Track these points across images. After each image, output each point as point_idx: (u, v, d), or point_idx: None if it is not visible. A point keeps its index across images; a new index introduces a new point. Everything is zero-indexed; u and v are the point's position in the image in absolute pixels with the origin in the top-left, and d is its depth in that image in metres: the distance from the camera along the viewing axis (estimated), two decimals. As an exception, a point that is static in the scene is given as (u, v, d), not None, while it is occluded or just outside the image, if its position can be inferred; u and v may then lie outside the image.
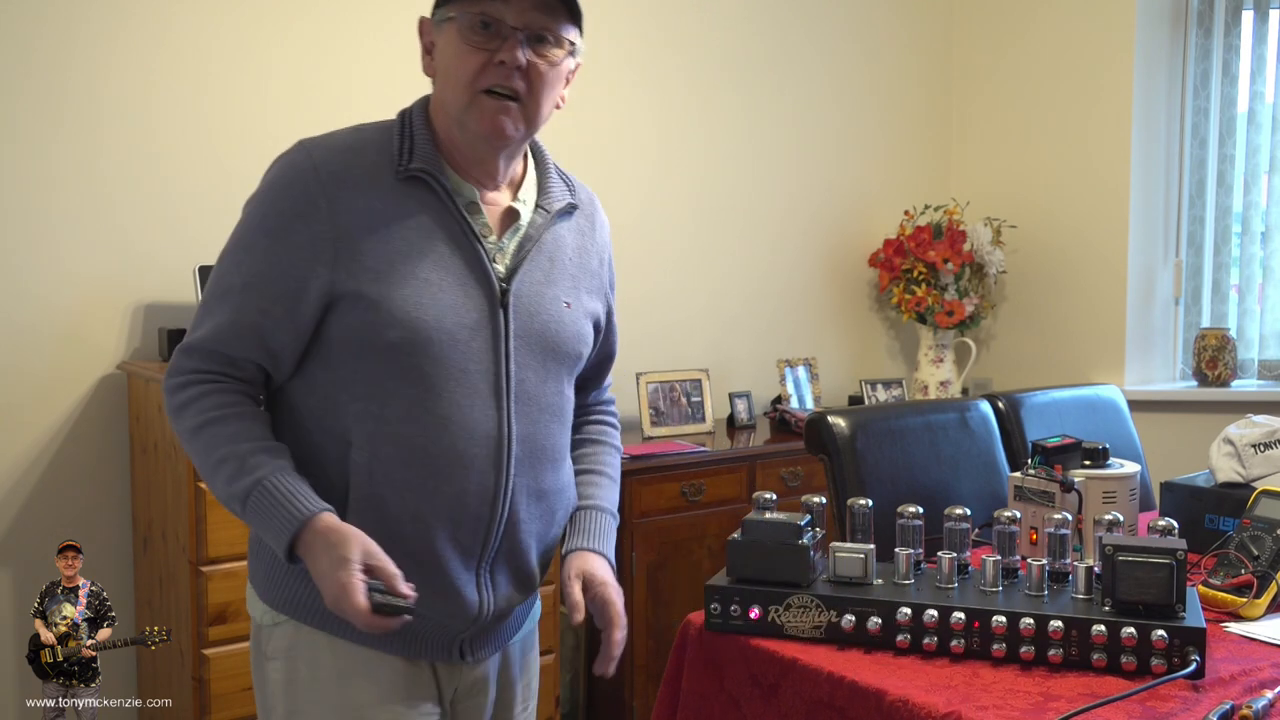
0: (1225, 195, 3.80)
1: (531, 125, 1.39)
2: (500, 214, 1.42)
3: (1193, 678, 1.36)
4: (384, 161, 1.35)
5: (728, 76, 3.69)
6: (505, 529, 1.40)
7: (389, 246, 1.32)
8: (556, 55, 1.36)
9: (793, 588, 1.52)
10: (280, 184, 1.34)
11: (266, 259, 1.32)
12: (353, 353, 1.32)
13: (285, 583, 1.35)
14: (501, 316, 1.38)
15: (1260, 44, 3.73)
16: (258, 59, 2.86)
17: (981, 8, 4.17)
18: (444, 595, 1.37)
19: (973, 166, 4.22)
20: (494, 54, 1.32)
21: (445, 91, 1.37)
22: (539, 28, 1.33)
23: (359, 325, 1.31)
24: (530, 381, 1.41)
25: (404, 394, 1.32)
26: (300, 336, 1.34)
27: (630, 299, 3.50)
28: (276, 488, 1.28)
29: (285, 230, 1.32)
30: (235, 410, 1.33)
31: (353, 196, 1.32)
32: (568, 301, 1.46)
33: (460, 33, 1.32)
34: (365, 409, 1.32)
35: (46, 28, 2.61)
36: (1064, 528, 1.56)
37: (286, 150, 1.37)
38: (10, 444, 2.63)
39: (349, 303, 1.31)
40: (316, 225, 1.31)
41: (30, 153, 2.61)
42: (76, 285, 2.67)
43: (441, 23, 1.35)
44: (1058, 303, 3.97)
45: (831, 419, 2.11)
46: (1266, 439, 1.98)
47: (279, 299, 1.32)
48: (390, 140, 1.37)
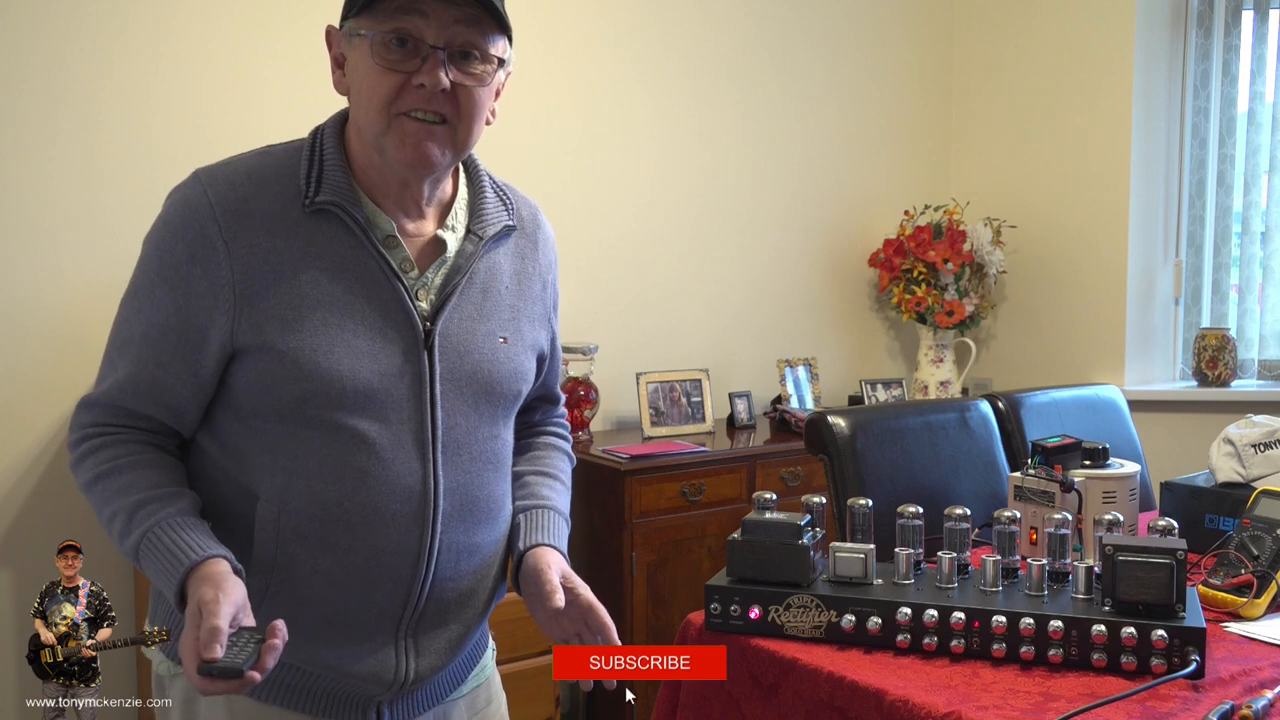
0: (1225, 195, 3.80)
1: (461, 149, 1.26)
2: (424, 245, 1.30)
3: (1193, 678, 1.36)
4: (290, 192, 1.23)
5: (728, 76, 3.69)
6: (430, 589, 1.28)
7: (295, 291, 1.20)
8: (485, 72, 1.23)
9: (793, 588, 1.52)
10: (174, 225, 1.23)
11: (163, 309, 1.22)
12: (261, 405, 1.22)
13: (179, 629, 1.20)
14: (426, 359, 1.26)
15: (1260, 44, 3.73)
16: (256, 61, 2.86)
17: (981, 8, 4.17)
18: (356, 659, 1.26)
19: (973, 166, 4.22)
20: (412, 75, 1.19)
21: (359, 113, 1.24)
22: (462, 43, 1.21)
23: (265, 378, 1.20)
24: (461, 428, 1.29)
25: (318, 447, 1.22)
26: (203, 390, 1.24)
27: (630, 299, 3.51)
28: (163, 536, 1.17)
29: (181, 278, 1.21)
30: (129, 460, 1.24)
31: (254, 236, 1.20)
32: (504, 336, 1.34)
33: (373, 51, 1.19)
34: (275, 462, 1.22)
35: (46, 29, 2.61)
36: (1064, 528, 1.56)
37: (182, 182, 1.26)
38: (10, 444, 2.63)
39: (253, 355, 1.20)
40: (214, 271, 1.20)
41: (30, 154, 2.61)
42: (76, 285, 2.67)
43: (351, 37, 1.22)
44: (1058, 303, 3.97)
45: (831, 419, 2.11)
46: (1266, 439, 1.98)
47: (177, 351, 1.22)
48: (298, 166, 1.25)
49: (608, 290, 3.46)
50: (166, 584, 1.17)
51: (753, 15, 3.74)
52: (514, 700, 2.89)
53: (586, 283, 3.40)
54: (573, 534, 3.40)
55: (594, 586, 1.50)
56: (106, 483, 1.24)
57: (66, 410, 2.68)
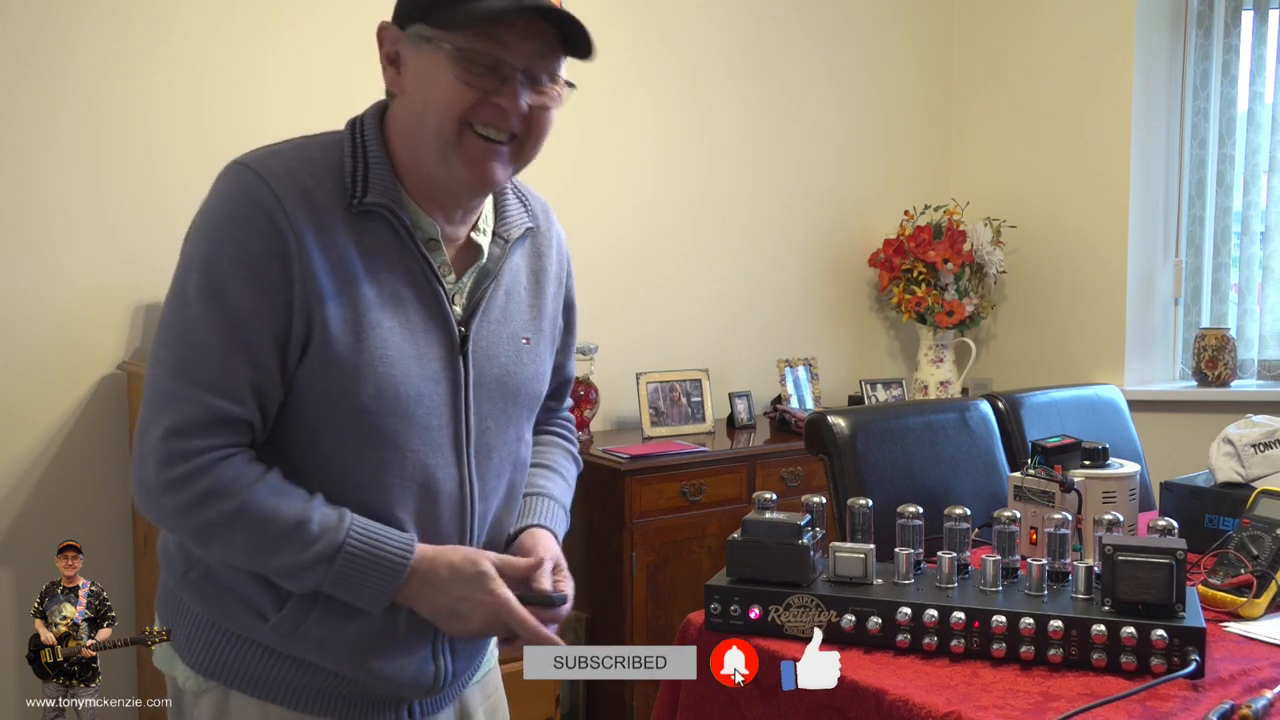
0: (1225, 195, 3.80)
1: (521, 167, 1.26)
2: (459, 248, 1.29)
3: (1192, 677, 1.36)
4: (335, 189, 1.19)
5: (728, 76, 3.69)
6: None
7: (355, 294, 1.18)
8: (556, 93, 1.24)
9: (793, 588, 1.52)
10: (242, 217, 1.15)
11: (245, 305, 1.14)
12: (319, 414, 1.19)
13: (214, 646, 1.23)
14: (460, 365, 1.26)
15: (1260, 44, 3.73)
16: (255, 61, 2.86)
17: (981, 8, 4.17)
18: (400, 667, 1.27)
19: (973, 166, 4.22)
20: (490, 94, 1.18)
21: (419, 117, 1.21)
22: (540, 67, 1.21)
23: (329, 385, 1.18)
24: (491, 432, 1.30)
25: (369, 457, 1.21)
26: (280, 393, 1.19)
27: (630, 299, 3.51)
28: (363, 538, 1.16)
29: (261, 273, 1.14)
30: (264, 472, 1.17)
31: (317, 233, 1.17)
32: (526, 338, 1.35)
33: (452, 63, 1.17)
34: (325, 472, 1.20)
35: (46, 29, 2.61)
36: (1064, 528, 1.56)
37: (230, 173, 1.18)
38: (10, 444, 2.63)
39: (319, 360, 1.17)
40: (289, 266, 1.15)
41: (30, 154, 2.61)
42: (76, 286, 2.67)
43: (421, 42, 1.18)
44: (1058, 303, 3.97)
45: (831, 419, 2.11)
46: (1266, 439, 1.98)
47: (269, 351, 1.16)
48: (339, 163, 1.21)
49: (608, 290, 3.46)
50: (381, 584, 1.17)
51: (753, 15, 3.74)
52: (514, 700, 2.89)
53: (586, 283, 3.38)
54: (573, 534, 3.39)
55: (594, 586, 1.51)
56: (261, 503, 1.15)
57: (67, 410, 2.68)
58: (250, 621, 1.22)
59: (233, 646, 1.24)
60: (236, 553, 1.17)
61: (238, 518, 1.14)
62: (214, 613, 1.23)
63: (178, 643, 1.28)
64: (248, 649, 1.23)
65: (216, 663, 1.24)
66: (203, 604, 1.24)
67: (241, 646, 1.23)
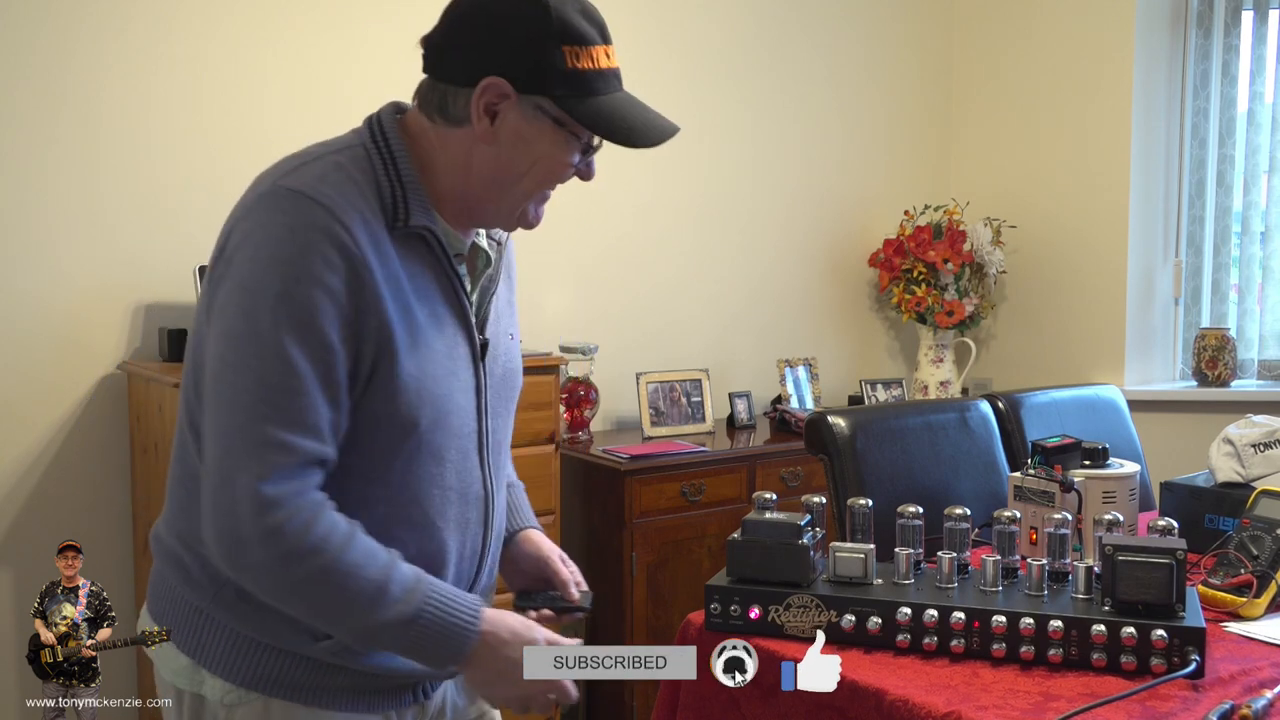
0: (1225, 195, 3.80)
1: None
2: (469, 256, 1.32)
3: (1192, 677, 1.36)
4: (379, 210, 1.19)
5: (728, 76, 3.69)
6: (483, 580, 1.36)
7: (410, 317, 1.19)
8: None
9: (793, 588, 1.52)
10: (316, 250, 1.13)
11: (329, 342, 1.13)
12: (380, 435, 1.20)
13: (255, 658, 1.23)
14: (481, 371, 1.30)
15: (1260, 44, 3.73)
16: (254, 61, 2.86)
17: (981, 7, 4.17)
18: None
19: (973, 166, 4.22)
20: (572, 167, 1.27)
21: (510, 175, 1.23)
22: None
23: (393, 406, 1.19)
24: (500, 429, 1.36)
25: (420, 472, 1.23)
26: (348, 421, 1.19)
27: (630, 299, 3.51)
28: (438, 601, 1.18)
29: (340, 305, 1.13)
30: (353, 528, 1.17)
31: (378, 259, 1.17)
32: (512, 333, 1.40)
33: (567, 147, 1.23)
34: (374, 493, 1.22)
35: (46, 29, 2.61)
36: (1064, 528, 1.57)
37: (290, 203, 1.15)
38: (10, 444, 2.63)
39: (384, 383, 1.18)
40: (363, 295, 1.15)
41: (30, 154, 2.61)
42: (76, 286, 2.67)
43: (538, 112, 1.21)
44: (1058, 303, 3.97)
45: (831, 419, 2.11)
46: (1266, 439, 1.98)
47: (344, 384, 1.16)
48: (375, 181, 1.20)
49: (608, 290, 3.46)
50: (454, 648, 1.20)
51: (753, 15, 3.74)
52: (514, 700, 2.89)
53: (586, 283, 3.40)
54: (572, 534, 3.41)
55: (594, 586, 1.52)
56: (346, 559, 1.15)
57: (67, 410, 2.68)
58: (297, 639, 1.23)
59: (274, 659, 1.24)
60: (312, 609, 1.17)
61: (325, 578, 1.14)
62: (254, 630, 1.23)
63: (207, 656, 1.25)
64: (291, 661, 1.24)
65: (258, 675, 1.24)
66: (241, 623, 1.23)
67: (284, 659, 1.24)
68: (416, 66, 1.29)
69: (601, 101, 1.23)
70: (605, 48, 1.24)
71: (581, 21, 1.21)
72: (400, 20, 3.02)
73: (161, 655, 1.30)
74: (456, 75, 1.22)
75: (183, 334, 2.66)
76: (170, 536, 1.28)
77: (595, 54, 1.22)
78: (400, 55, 3.12)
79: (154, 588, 1.32)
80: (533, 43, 1.19)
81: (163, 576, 1.30)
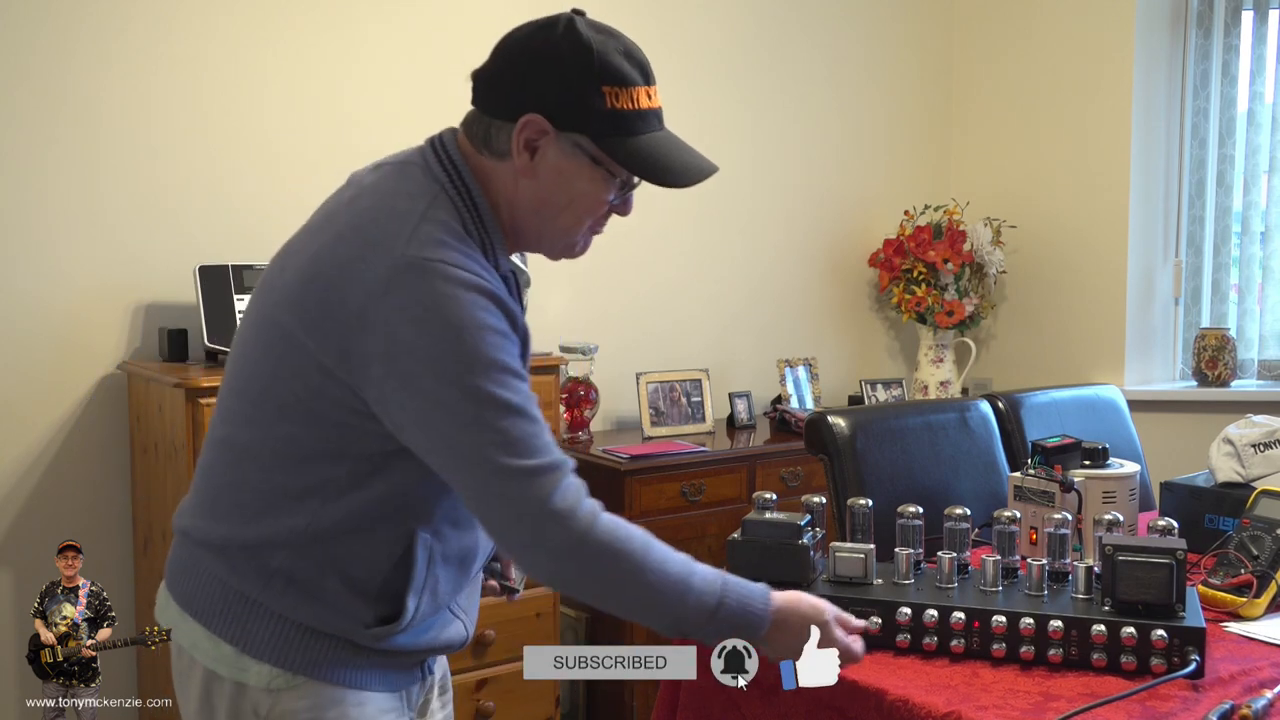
0: (1225, 195, 3.80)
1: None
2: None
3: (1192, 677, 1.36)
4: (481, 256, 1.27)
5: (728, 77, 3.69)
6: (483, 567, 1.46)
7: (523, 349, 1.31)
8: None
9: (793, 588, 1.51)
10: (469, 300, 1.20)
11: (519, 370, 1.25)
12: None
13: (303, 644, 1.29)
14: None
15: (1260, 44, 3.72)
16: (254, 61, 2.86)
17: (981, 8, 4.17)
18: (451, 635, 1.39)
19: (973, 166, 4.22)
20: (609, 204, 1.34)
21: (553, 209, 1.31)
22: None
23: None
24: None
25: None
26: None
27: (630, 299, 3.51)
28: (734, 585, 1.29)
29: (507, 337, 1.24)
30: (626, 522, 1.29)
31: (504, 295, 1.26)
32: None
33: (606, 185, 1.30)
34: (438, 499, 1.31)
35: (45, 30, 2.61)
36: (1064, 528, 1.57)
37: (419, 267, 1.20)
38: (10, 444, 2.63)
39: None
40: (514, 328, 1.26)
41: (30, 154, 2.61)
42: (76, 286, 2.67)
43: (576, 149, 1.27)
44: (1058, 303, 3.97)
45: (831, 419, 2.11)
46: (1266, 439, 1.99)
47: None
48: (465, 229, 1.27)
49: (608, 290, 3.46)
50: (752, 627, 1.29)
51: (753, 15, 3.74)
52: (514, 700, 2.90)
53: (586, 283, 3.40)
54: (573, 534, 3.35)
55: (594, 586, 1.53)
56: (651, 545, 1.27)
57: (67, 410, 2.68)
58: (344, 624, 1.28)
59: (320, 644, 1.29)
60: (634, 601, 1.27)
61: (644, 565, 1.24)
62: (304, 616, 1.28)
63: (253, 645, 1.29)
64: (333, 644, 1.29)
65: (305, 659, 1.29)
66: (291, 610, 1.28)
67: (328, 643, 1.29)
68: (415, 66, 1.30)
69: (640, 141, 1.29)
70: (647, 89, 1.30)
71: (623, 63, 1.27)
72: (400, 20, 3.03)
73: (196, 643, 1.32)
74: (500, 110, 1.28)
75: (183, 334, 2.66)
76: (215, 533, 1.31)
77: (636, 95, 1.28)
78: (400, 55, 3.14)
79: (184, 573, 1.34)
80: (574, 82, 1.25)
81: (198, 564, 1.32)
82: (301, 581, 1.27)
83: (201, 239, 2.78)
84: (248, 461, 1.28)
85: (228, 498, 1.30)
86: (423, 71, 3.02)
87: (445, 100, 3.24)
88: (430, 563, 1.31)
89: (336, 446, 1.25)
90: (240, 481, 1.29)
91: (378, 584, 1.28)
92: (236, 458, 1.29)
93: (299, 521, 1.26)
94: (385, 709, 1.34)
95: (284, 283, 1.26)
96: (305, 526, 1.26)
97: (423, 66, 3.03)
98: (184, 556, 1.35)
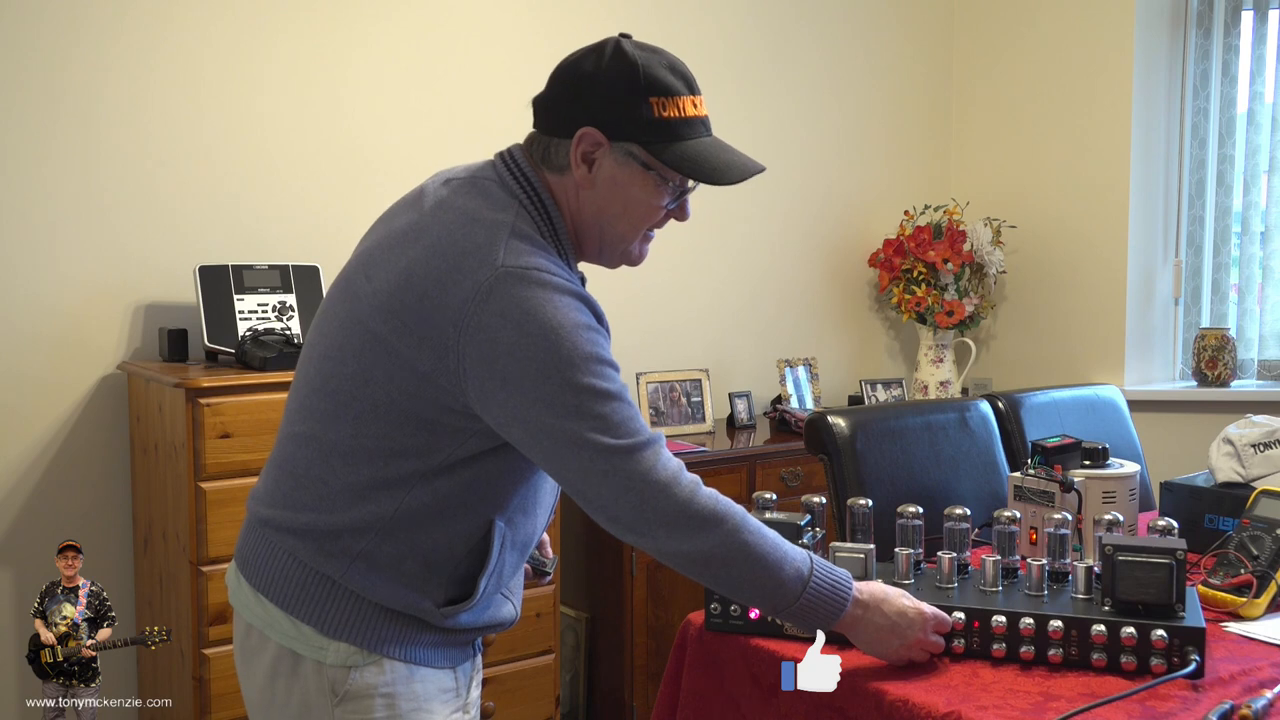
0: (1225, 195, 3.80)
1: None
2: None
3: (1192, 677, 1.36)
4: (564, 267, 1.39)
5: (728, 76, 3.69)
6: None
7: None
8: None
9: (793, 588, 1.51)
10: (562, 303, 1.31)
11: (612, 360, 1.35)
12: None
13: (380, 623, 1.36)
14: None
15: (1260, 44, 3.72)
16: (254, 61, 2.86)
17: (981, 8, 4.17)
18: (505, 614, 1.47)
19: (973, 166, 4.22)
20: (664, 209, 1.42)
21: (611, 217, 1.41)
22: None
23: None
24: None
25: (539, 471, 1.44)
26: None
27: (630, 299, 3.51)
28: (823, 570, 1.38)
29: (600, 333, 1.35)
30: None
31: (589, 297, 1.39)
32: None
33: (659, 190, 1.39)
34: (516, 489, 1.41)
35: (44, 30, 2.61)
36: (1064, 528, 1.57)
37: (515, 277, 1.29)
38: (10, 444, 2.63)
39: None
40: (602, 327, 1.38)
41: (29, 154, 2.61)
42: (76, 286, 2.67)
43: (629, 157, 1.37)
44: (1058, 303, 3.97)
45: (831, 419, 2.11)
46: (1266, 439, 1.98)
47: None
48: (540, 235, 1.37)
49: (608, 290, 3.44)
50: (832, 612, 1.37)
51: (753, 15, 3.74)
52: (514, 700, 2.90)
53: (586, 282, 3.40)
54: (572, 534, 3.40)
55: (594, 586, 1.55)
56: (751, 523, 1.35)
57: (67, 410, 2.68)
58: (419, 604, 1.36)
59: (395, 623, 1.36)
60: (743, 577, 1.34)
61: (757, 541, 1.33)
62: (382, 596, 1.35)
63: (333, 626, 1.35)
64: (406, 623, 1.37)
65: (382, 637, 1.36)
66: (371, 591, 1.35)
67: (403, 622, 1.36)
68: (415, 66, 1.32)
69: (687, 146, 1.39)
70: (692, 98, 1.43)
71: (668, 75, 1.40)
72: (400, 20, 3.02)
73: (272, 624, 1.38)
74: (558, 128, 1.38)
75: (183, 334, 2.66)
76: (298, 521, 1.36)
77: (682, 104, 1.41)
78: (399, 55, 3.14)
79: (261, 559, 1.39)
80: (623, 96, 1.36)
81: (277, 550, 1.38)
82: (383, 565, 1.34)
83: (201, 239, 2.78)
84: (335, 458, 1.34)
85: (313, 490, 1.36)
86: (422, 72, 3.02)
87: (445, 100, 3.25)
88: (503, 548, 1.40)
89: (427, 443, 1.32)
90: (327, 475, 1.35)
91: (453, 566, 1.37)
92: (322, 454, 1.35)
93: (385, 509, 1.33)
94: (445, 687, 1.42)
95: (373, 290, 1.33)
96: (392, 514, 1.33)
97: (422, 66, 3.03)
98: (260, 542, 1.40)
